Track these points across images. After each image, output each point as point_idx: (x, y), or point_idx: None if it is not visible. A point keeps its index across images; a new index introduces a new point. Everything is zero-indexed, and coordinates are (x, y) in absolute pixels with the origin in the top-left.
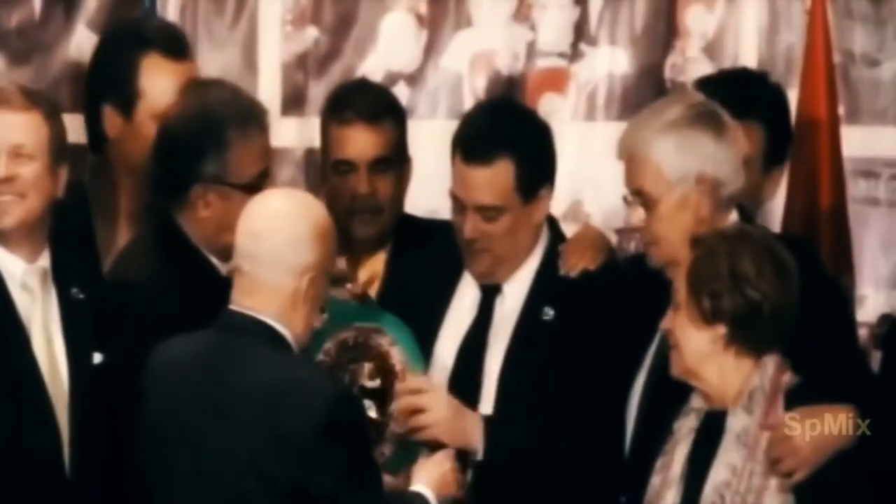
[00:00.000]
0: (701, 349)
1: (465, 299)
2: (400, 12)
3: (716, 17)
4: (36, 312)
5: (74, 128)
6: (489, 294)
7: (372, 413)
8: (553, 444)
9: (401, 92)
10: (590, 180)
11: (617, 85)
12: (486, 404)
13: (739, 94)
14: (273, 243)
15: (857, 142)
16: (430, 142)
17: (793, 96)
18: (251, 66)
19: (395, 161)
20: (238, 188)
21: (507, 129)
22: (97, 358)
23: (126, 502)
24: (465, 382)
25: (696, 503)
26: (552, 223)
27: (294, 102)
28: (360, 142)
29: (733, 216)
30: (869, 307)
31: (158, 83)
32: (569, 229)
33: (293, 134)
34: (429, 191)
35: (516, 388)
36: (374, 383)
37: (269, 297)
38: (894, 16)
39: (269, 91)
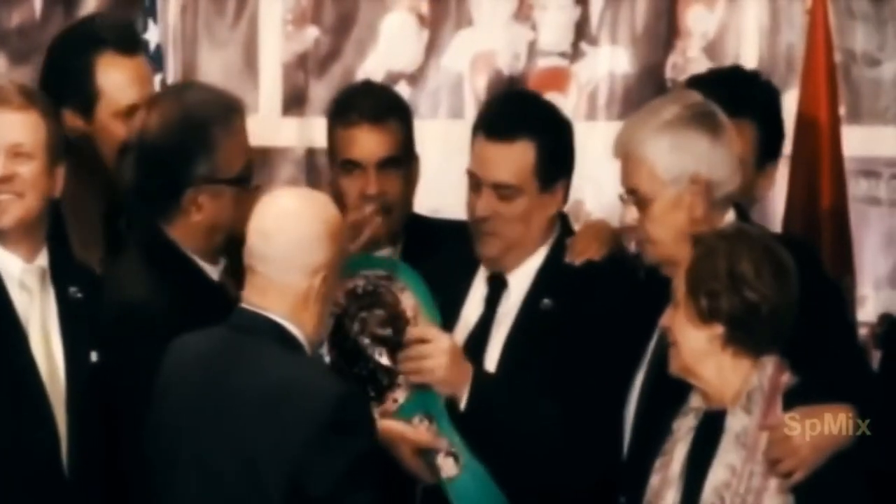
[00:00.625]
0: (698, 348)
1: (475, 298)
2: (401, 12)
3: (717, 17)
4: (34, 312)
5: None
6: (495, 290)
7: (384, 360)
8: (539, 409)
9: (402, 92)
10: (591, 180)
11: (618, 85)
12: None
13: (731, 93)
14: (284, 243)
15: (857, 141)
16: (432, 142)
17: (793, 96)
18: (252, 66)
19: (403, 160)
20: (229, 183)
21: (532, 114)
22: (94, 357)
23: (125, 501)
24: None
25: (695, 503)
26: (563, 219)
27: (294, 102)
28: (367, 143)
29: (730, 216)
30: (869, 307)
31: (116, 81)
32: None
33: (293, 134)
34: (431, 190)
35: (513, 372)
36: (386, 331)
37: (281, 296)
38: (895, 15)
39: (269, 91)
